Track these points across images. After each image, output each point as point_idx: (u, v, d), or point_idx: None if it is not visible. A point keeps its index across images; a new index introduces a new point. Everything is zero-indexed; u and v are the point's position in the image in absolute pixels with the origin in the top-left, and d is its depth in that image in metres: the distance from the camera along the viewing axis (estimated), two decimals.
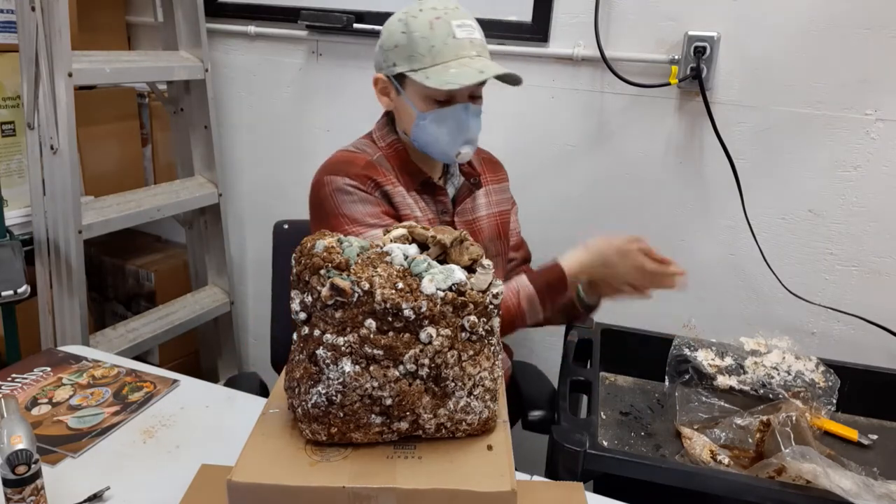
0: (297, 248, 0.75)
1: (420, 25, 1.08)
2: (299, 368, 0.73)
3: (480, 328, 0.72)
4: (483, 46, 1.12)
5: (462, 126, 1.13)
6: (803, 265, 1.56)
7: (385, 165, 1.19)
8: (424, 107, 1.12)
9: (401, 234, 0.79)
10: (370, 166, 1.18)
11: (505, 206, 1.35)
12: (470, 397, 0.73)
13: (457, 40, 1.07)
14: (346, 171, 1.16)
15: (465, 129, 1.13)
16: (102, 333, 1.79)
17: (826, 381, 1.22)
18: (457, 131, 1.13)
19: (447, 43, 1.07)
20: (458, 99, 1.12)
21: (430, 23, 1.07)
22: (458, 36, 1.07)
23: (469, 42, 1.08)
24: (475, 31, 1.11)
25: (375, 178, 1.16)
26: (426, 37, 1.07)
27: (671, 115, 1.58)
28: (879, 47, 1.38)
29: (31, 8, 1.49)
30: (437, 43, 1.06)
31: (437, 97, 1.11)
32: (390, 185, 1.18)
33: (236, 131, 2.10)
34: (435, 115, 1.12)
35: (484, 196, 1.31)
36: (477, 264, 0.76)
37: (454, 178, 1.27)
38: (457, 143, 1.14)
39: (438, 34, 1.07)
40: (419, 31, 1.08)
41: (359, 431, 0.71)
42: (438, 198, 1.23)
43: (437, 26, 1.07)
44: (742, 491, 0.98)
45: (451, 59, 1.07)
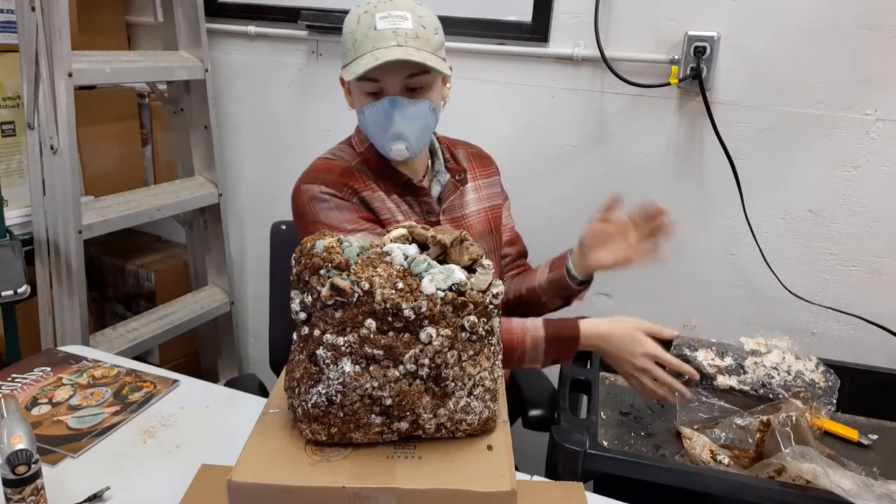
0: (297, 249, 0.75)
1: (350, 21, 1.08)
2: (299, 368, 0.73)
3: (480, 328, 0.72)
4: (413, 36, 1.05)
5: (388, 121, 1.08)
6: (803, 265, 1.56)
7: (363, 171, 1.18)
8: (361, 101, 1.10)
9: (401, 234, 0.79)
10: (347, 173, 1.16)
11: (496, 201, 1.32)
12: (470, 397, 0.73)
13: (377, 31, 1.04)
14: (322, 179, 1.15)
15: (390, 123, 1.08)
16: (102, 333, 1.79)
17: (826, 381, 1.22)
18: (384, 126, 1.09)
19: (368, 35, 1.05)
20: (388, 91, 1.07)
21: (357, 17, 1.07)
22: (378, 27, 1.04)
23: (392, 32, 1.04)
24: (404, 21, 1.05)
25: (352, 185, 1.15)
26: (352, 31, 1.07)
27: (671, 115, 1.58)
28: (879, 47, 1.38)
29: (31, 8, 1.49)
30: (359, 36, 1.05)
31: (366, 90, 1.08)
32: (368, 191, 1.16)
33: (236, 131, 2.10)
34: (367, 108, 1.09)
35: (473, 192, 1.28)
36: (477, 264, 0.76)
37: (440, 174, 1.24)
38: (385, 138, 1.10)
39: (361, 27, 1.06)
40: (348, 26, 1.08)
41: (359, 431, 0.71)
42: (422, 199, 1.20)
43: (363, 20, 1.06)
44: (742, 491, 0.98)
45: (368, 50, 1.04)
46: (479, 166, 1.32)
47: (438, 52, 1.09)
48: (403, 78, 1.06)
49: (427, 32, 1.07)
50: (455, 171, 1.25)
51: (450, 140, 1.31)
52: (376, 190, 1.17)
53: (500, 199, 1.34)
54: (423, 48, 1.05)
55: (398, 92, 1.07)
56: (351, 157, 1.20)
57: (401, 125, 1.08)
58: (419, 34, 1.06)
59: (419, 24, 1.06)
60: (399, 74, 1.05)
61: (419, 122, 1.10)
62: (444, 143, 1.27)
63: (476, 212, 1.27)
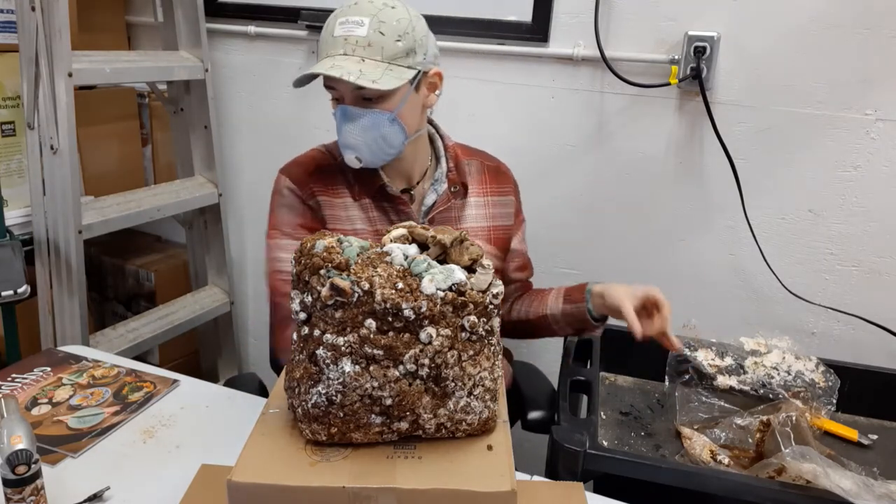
0: (297, 249, 0.75)
1: (326, 22, 1.06)
2: (299, 368, 0.73)
3: (480, 328, 0.72)
4: (365, 44, 1.01)
5: (339, 129, 1.07)
6: (803, 265, 1.56)
7: (342, 171, 1.16)
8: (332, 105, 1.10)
9: (401, 234, 0.79)
10: (318, 170, 1.16)
11: (504, 222, 1.26)
12: (470, 397, 0.73)
13: (332, 38, 1.03)
14: (293, 172, 1.16)
15: (340, 132, 1.07)
16: (102, 333, 1.79)
17: (826, 381, 1.22)
18: (338, 134, 1.09)
19: (326, 41, 1.04)
20: (343, 100, 1.06)
21: (328, 21, 1.05)
22: (335, 33, 1.03)
23: (343, 39, 1.02)
24: (358, 28, 1.01)
25: (314, 186, 1.14)
26: (322, 32, 1.06)
27: (671, 115, 1.58)
28: (879, 47, 1.38)
29: (31, 8, 1.49)
30: (321, 40, 1.05)
31: (332, 95, 1.08)
32: (329, 195, 1.15)
33: (236, 131, 2.10)
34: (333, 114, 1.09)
35: (478, 207, 1.23)
36: (477, 264, 0.76)
37: (438, 183, 1.19)
38: (341, 147, 1.09)
39: (327, 31, 1.05)
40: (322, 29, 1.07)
41: (359, 431, 0.71)
42: (399, 206, 1.16)
43: (329, 24, 1.05)
44: (742, 491, 0.98)
45: (322, 57, 1.04)
46: (492, 182, 1.25)
47: (397, 60, 1.03)
48: (355, 88, 1.02)
49: (385, 40, 1.02)
50: (453, 181, 1.19)
51: (467, 150, 1.27)
52: (341, 194, 1.15)
53: (509, 221, 1.27)
54: (373, 57, 1.01)
55: (352, 101, 1.05)
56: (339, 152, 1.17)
57: (348, 136, 1.06)
58: (372, 42, 1.01)
59: (376, 31, 1.01)
60: (346, 85, 1.02)
61: (372, 133, 1.05)
62: (454, 152, 1.21)
63: (477, 228, 1.22)
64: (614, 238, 1.71)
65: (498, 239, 1.24)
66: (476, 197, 1.23)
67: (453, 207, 1.20)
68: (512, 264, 1.32)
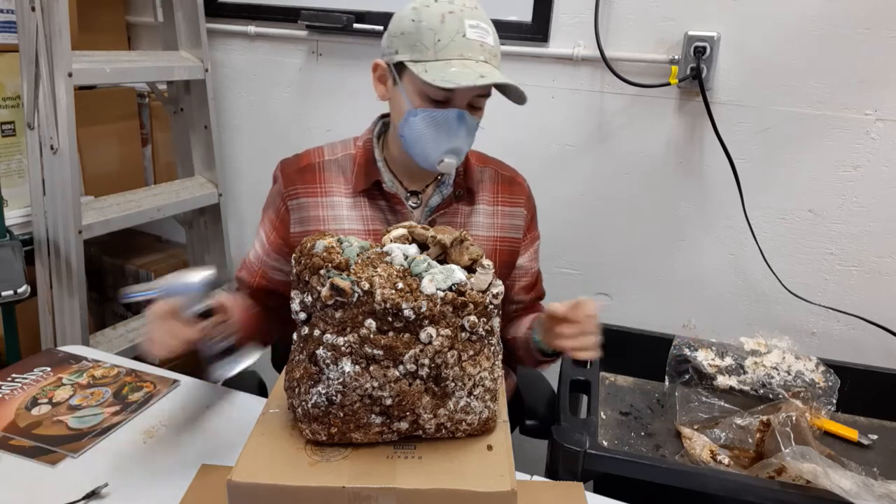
0: (297, 249, 0.75)
1: (430, 16, 1.00)
2: (299, 368, 0.73)
3: (480, 328, 0.72)
4: (494, 54, 1.03)
5: (451, 133, 1.03)
6: (803, 265, 1.56)
7: (341, 168, 1.15)
8: (418, 102, 1.03)
9: (401, 234, 0.79)
10: (307, 170, 1.15)
11: (512, 234, 1.21)
12: (470, 397, 0.73)
13: (466, 40, 0.99)
14: (285, 167, 1.17)
15: (453, 136, 1.04)
16: (102, 333, 1.79)
17: (826, 381, 1.22)
18: (444, 137, 1.04)
19: (454, 40, 0.98)
20: (456, 103, 1.03)
21: (441, 15, 0.99)
22: (468, 36, 0.99)
23: (479, 45, 1.00)
24: (488, 36, 1.02)
25: (298, 185, 1.14)
26: (434, 29, 0.99)
27: (671, 115, 1.58)
28: (879, 47, 1.38)
29: (31, 8, 1.49)
30: (444, 37, 0.98)
31: (433, 95, 1.02)
32: (315, 195, 1.13)
33: (236, 131, 2.10)
34: (427, 113, 1.03)
35: (487, 216, 1.19)
36: (477, 264, 0.76)
37: (444, 186, 1.17)
38: (440, 149, 1.04)
39: (448, 29, 0.99)
40: (428, 21, 0.99)
41: (359, 431, 0.71)
42: (395, 206, 1.14)
43: (449, 20, 0.99)
44: (742, 491, 0.98)
45: (455, 57, 0.99)
46: (504, 192, 1.22)
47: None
48: (474, 95, 1.04)
49: (498, 50, 1.05)
50: (459, 185, 1.17)
51: (484, 157, 1.25)
52: (331, 193, 1.13)
53: (517, 234, 1.22)
54: (498, 66, 1.04)
55: (465, 107, 1.04)
56: (343, 150, 1.17)
57: (461, 140, 1.05)
58: (496, 53, 1.04)
59: (497, 42, 1.04)
60: (474, 91, 1.02)
61: (472, 139, 1.09)
62: (467, 156, 1.18)
63: (482, 237, 1.19)
64: (614, 238, 1.71)
65: (503, 251, 1.21)
66: (485, 205, 1.20)
67: (460, 213, 1.17)
68: (519, 283, 1.27)
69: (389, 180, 1.14)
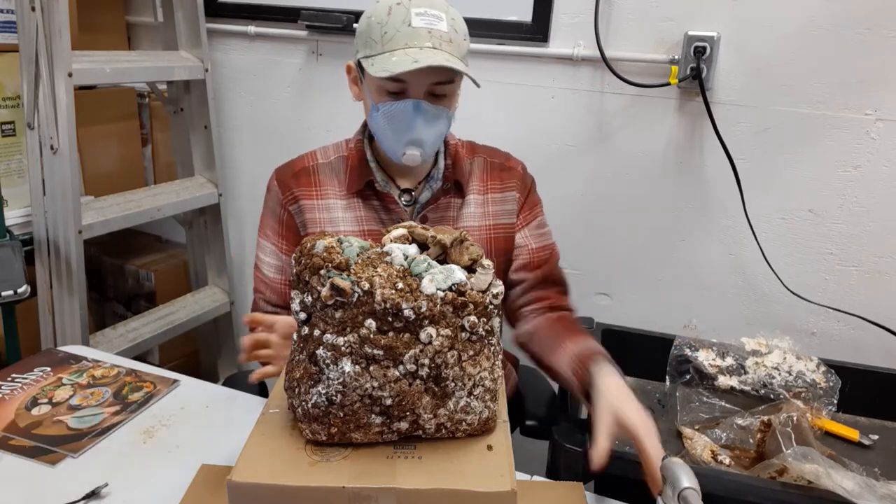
0: (298, 248, 0.75)
1: (379, 10, 1.01)
2: (299, 368, 0.73)
3: (480, 328, 0.72)
4: (447, 39, 1.00)
5: (409, 125, 1.02)
6: (803, 265, 1.56)
7: (334, 170, 1.15)
8: (378, 98, 1.04)
9: (401, 234, 0.79)
10: (302, 173, 1.15)
11: (505, 220, 1.19)
12: (470, 397, 0.73)
13: (412, 28, 0.98)
14: (280, 173, 1.17)
15: (411, 128, 1.02)
16: (102, 333, 1.79)
17: (827, 382, 1.22)
18: (402, 129, 1.03)
19: (400, 30, 0.98)
20: (411, 93, 1.01)
21: (389, 8, 1.00)
22: (414, 24, 0.98)
23: (427, 32, 0.98)
24: (439, 22, 1.00)
25: (295, 189, 1.14)
26: (381, 22, 1.00)
27: (671, 115, 1.58)
28: (879, 47, 1.38)
29: (31, 8, 1.49)
30: (390, 29, 0.99)
31: (388, 88, 1.02)
32: (312, 198, 1.14)
33: (236, 131, 2.10)
34: (385, 107, 1.03)
35: (478, 205, 1.18)
36: (477, 264, 0.75)
37: (433, 181, 1.16)
38: (401, 142, 1.04)
39: (393, 20, 0.99)
40: (377, 16, 1.01)
41: (359, 431, 0.71)
42: (389, 205, 1.13)
43: (396, 12, 0.99)
44: (743, 491, 0.98)
45: (400, 47, 0.98)
46: (493, 179, 1.20)
47: (464, 59, 1.03)
48: (431, 84, 1.01)
49: (458, 37, 1.02)
50: (448, 179, 1.16)
51: (475, 147, 1.23)
52: (327, 195, 1.14)
53: (510, 219, 1.20)
54: (454, 53, 1.00)
55: (422, 96, 1.02)
56: (335, 152, 1.18)
57: (421, 131, 1.03)
58: (452, 38, 1.00)
59: (453, 28, 1.01)
60: (429, 79, 1.00)
61: (437, 129, 1.05)
62: (454, 150, 1.18)
63: (475, 227, 1.18)
64: (614, 238, 1.71)
65: (497, 238, 1.20)
66: (476, 195, 1.18)
67: (452, 206, 1.17)
68: (517, 261, 1.22)
69: (382, 180, 1.14)
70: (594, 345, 1.08)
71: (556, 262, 1.25)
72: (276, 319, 0.99)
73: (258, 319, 0.99)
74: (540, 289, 1.21)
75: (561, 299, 1.23)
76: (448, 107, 1.06)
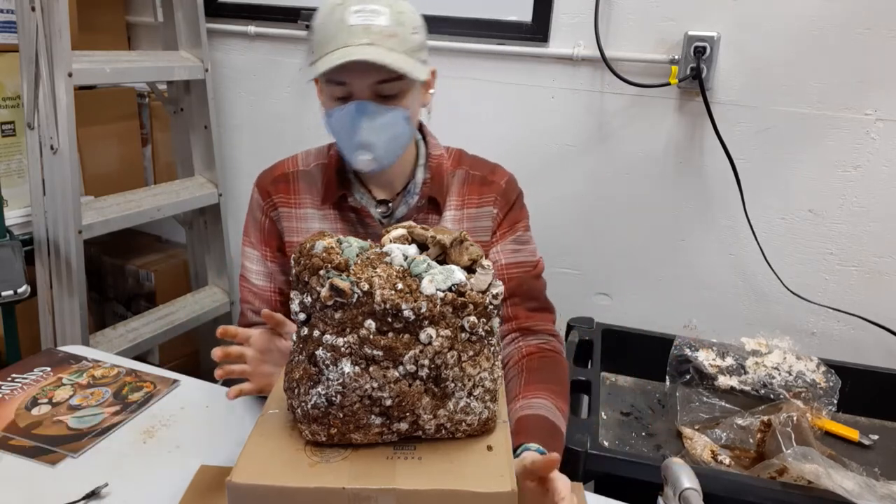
0: (297, 249, 0.74)
1: (321, 13, 0.96)
2: (298, 369, 0.72)
3: (480, 328, 0.72)
4: (388, 34, 0.93)
5: (353, 128, 0.97)
6: (803, 265, 1.56)
7: (313, 179, 1.11)
8: (328, 104, 1.00)
9: (400, 234, 0.79)
10: (281, 180, 1.11)
11: (479, 237, 1.10)
12: (470, 398, 0.73)
13: (348, 27, 0.93)
14: (260, 179, 1.13)
15: (355, 131, 0.97)
16: (102, 333, 1.79)
17: (827, 382, 1.22)
18: (349, 134, 0.98)
19: (338, 30, 0.93)
20: (356, 95, 0.96)
21: (330, 10, 0.95)
22: (350, 22, 0.93)
23: (363, 29, 0.92)
24: (378, 17, 0.93)
25: (275, 196, 1.10)
26: (322, 24, 0.95)
27: (671, 115, 1.58)
28: (879, 47, 1.38)
29: (31, 8, 1.49)
30: (328, 32, 0.94)
31: (334, 93, 0.98)
32: (290, 206, 1.10)
33: (236, 131, 2.10)
34: (332, 113, 0.99)
35: (452, 222, 1.10)
36: (476, 264, 0.75)
37: (410, 195, 1.09)
38: (351, 147, 0.99)
39: (332, 21, 0.94)
40: (319, 18, 0.96)
41: (359, 432, 0.71)
42: (364, 219, 1.08)
43: (335, 13, 0.94)
44: (743, 491, 0.98)
45: (336, 47, 0.92)
46: (472, 192, 1.11)
47: (417, 53, 0.97)
48: (374, 83, 0.95)
49: (405, 31, 0.95)
50: (424, 195, 1.08)
51: (461, 157, 1.15)
52: (304, 204, 1.10)
53: (484, 236, 1.11)
54: (397, 49, 0.93)
55: (368, 97, 0.96)
56: (316, 159, 1.13)
57: (367, 134, 0.97)
58: (396, 32, 0.94)
59: (396, 21, 0.94)
60: (369, 78, 0.94)
61: (389, 131, 0.98)
62: (437, 161, 1.10)
63: None
64: (614, 238, 1.71)
65: None
66: (453, 210, 1.10)
67: (430, 223, 1.09)
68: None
69: (358, 192, 1.09)
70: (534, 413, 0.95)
71: (531, 279, 1.11)
72: (251, 333, 0.94)
73: (232, 332, 0.93)
74: (509, 305, 1.10)
75: (533, 318, 1.10)
76: (405, 106, 0.98)
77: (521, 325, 1.08)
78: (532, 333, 1.08)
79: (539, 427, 0.92)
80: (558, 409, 0.96)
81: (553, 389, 0.98)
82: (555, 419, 0.94)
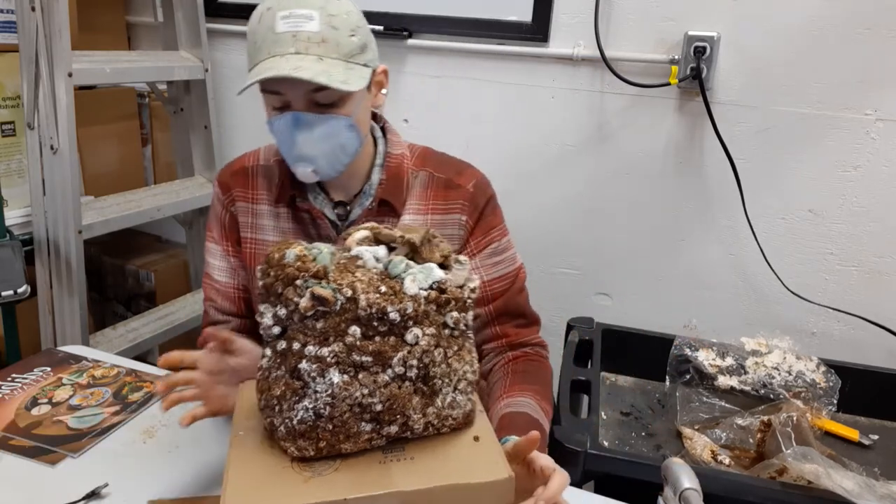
0: (264, 260, 0.71)
1: (253, 20, 0.92)
2: (278, 385, 0.69)
3: (462, 323, 0.72)
4: (317, 41, 0.88)
5: (291, 140, 0.92)
6: (803, 265, 1.56)
7: (270, 175, 1.06)
8: (268, 113, 0.96)
9: (364, 235, 0.76)
10: (240, 173, 1.08)
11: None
12: (455, 392, 0.72)
13: (275, 35, 0.88)
14: (221, 174, 1.10)
15: (292, 143, 0.92)
16: (102, 333, 1.79)
17: (827, 382, 1.22)
18: (287, 146, 0.94)
19: (266, 38, 0.89)
20: (294, 106, 0.92)
21: (260, 16, 0.91)
22: (278, 29, 0.88)
23: (291, 36, 0.88)
24: (307, 23, 0.88)
25: (234, 190, 1.07)
26: (252, 33, 0.91)
27: (671, 115, 1.58)
28: (879, 47, 1.38)
29: (31, 8, 1.49)
30: (258, 38, 0.90)
31: (273, 103, 0.93)
32: (248, 201, 1.07)
33: (236, 131, 2.10)
34: (271, 123, 0.95)
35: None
36: (450, 260, 0.75)
37: (364, 196, 1.03)
38: (291, 159, 0.95)
39: (262, 28, 0.90)
40: (251, 26, 0.92)
41: (348, 441, 0.69)
42: (316, 220, 1.03)
43: (265, 19, 0.90)
44: (743, 491, 0.98)
45: (263, 57, 0.89)
46: (436, 197, 1.04)
47: (356, 57, 0.91)
48: (308, 91, 0.89)
49: (339, 35, 0.89)
50: (379, 197, 1.02)
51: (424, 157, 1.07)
52: (259, 201, 1.06)
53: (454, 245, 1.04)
54: (329, 55, 0.88)
55: (304, 107, 0.91)
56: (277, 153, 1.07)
57: (304, 146, 0.93)
58: (326, 38, 0.88)
59: (328, 25, 0.89)
60: (302, 88, 0.89)
61: (329, 142, 0.93)
62: (396, 162, 1.04)
63: None
64: (614, 238, 1.71)
65: None
66: (413, 214, 1.03)
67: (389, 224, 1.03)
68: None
69: (313, 192, 1.04)
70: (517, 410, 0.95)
71: (516, 291, 1.07)
72: (198, 356, 0.89)
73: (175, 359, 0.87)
74: (497, 324, 1.07)
75: (522, 334, 1.08)
76: (346, 113, 0.93)
77: (511, 341, 1.07)
78: (520, 346, 1.07)
79: (523, 423, 0.92)
80: (542, 408, 0.97)
81: (537, 390, 0.99)
82: (538, 417, 0.95)
